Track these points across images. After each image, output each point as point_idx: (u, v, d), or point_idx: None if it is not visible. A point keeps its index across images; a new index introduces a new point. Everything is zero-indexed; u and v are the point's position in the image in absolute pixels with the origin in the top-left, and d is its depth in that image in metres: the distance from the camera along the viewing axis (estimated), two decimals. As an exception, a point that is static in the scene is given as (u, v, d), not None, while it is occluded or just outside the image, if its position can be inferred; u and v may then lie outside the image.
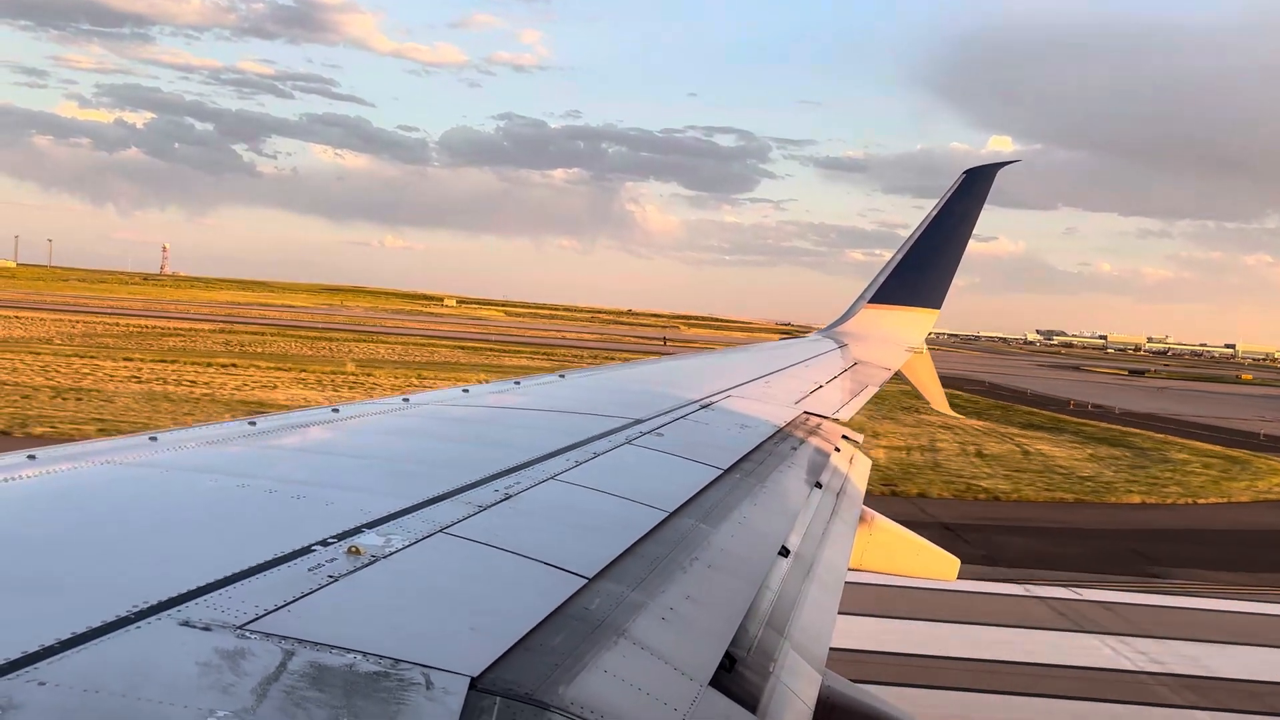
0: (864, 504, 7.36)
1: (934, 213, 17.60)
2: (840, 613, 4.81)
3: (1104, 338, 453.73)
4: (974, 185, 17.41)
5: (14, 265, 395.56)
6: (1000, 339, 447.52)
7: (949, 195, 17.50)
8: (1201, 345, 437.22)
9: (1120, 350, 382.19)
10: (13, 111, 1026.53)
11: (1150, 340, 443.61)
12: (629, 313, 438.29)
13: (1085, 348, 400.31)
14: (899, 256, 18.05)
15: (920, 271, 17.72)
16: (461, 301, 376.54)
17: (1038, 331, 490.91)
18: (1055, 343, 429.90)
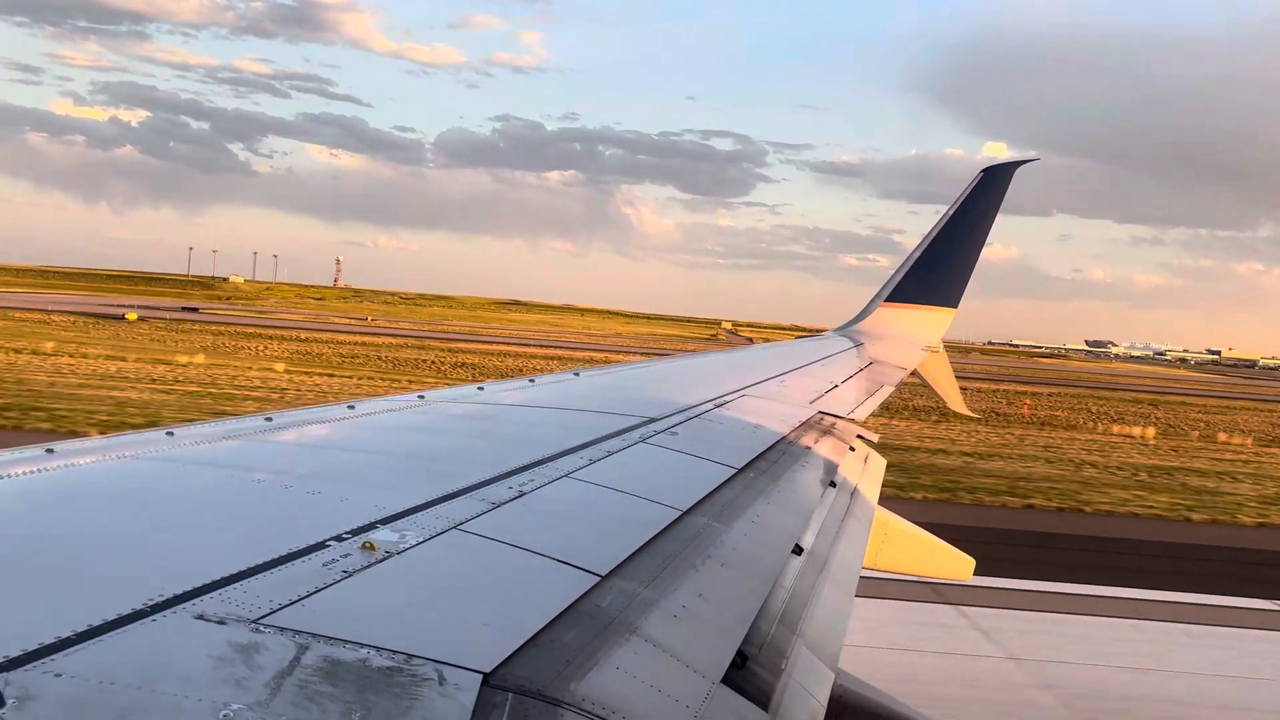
0: (879, 504, 7.34)
1: (951, 211, 17.47)
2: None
3: (1217, 353, 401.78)
4: (991, 184, 17.28)
5: (242, 281, 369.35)
6: (1085, 351, 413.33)
7: (966, 193, 17.36)
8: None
9: (1270, 368, 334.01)
10: (6, 108, 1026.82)
11: (1271, 358, 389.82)
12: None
13: (1199, 364, 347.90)
14: (916, 255, 17.93)
15: (937, 270, 17.60)
16: (737, 325, 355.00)
17: (1086, 342, 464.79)
18: (1168, 357, 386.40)
